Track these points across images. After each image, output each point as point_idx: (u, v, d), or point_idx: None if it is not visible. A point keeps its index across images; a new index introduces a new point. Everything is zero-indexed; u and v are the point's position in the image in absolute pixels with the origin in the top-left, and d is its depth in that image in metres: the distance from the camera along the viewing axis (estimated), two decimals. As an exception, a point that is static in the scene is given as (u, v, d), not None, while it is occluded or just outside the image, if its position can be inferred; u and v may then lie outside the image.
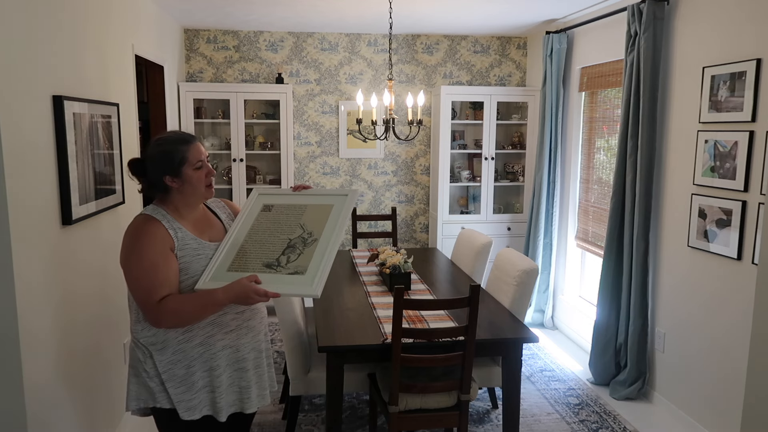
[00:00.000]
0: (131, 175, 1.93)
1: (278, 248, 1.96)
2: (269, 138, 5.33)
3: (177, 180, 1.89)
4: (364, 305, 3.12)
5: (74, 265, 2.56)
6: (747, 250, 2.90)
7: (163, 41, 4.44)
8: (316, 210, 2.06)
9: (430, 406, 2.67)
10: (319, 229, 2.00)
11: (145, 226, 1.84)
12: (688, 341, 3.34)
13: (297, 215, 2.05)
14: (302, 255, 1.94)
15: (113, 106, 3.06)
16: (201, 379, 1.91)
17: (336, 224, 2.02)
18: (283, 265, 1.92)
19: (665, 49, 3.48)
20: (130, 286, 1.84)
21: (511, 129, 5.63)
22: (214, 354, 1.92)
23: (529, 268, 3.14)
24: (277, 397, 3.61)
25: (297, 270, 1.90)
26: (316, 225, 2.02)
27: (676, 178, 3.43)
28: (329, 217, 2.04)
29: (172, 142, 1.91)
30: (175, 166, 1.88)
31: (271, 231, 2.02)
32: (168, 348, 1.88)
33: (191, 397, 1.89)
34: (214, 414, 1.94)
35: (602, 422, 3.41)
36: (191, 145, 1.91)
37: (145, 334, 1.88)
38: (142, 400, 1.91)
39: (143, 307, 1.82)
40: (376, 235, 4.86)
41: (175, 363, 1.88)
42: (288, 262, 1.93)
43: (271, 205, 2.08)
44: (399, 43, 5.47)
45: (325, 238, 1.97)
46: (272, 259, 1.93)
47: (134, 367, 1.91)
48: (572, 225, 4.80)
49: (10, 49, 2.01)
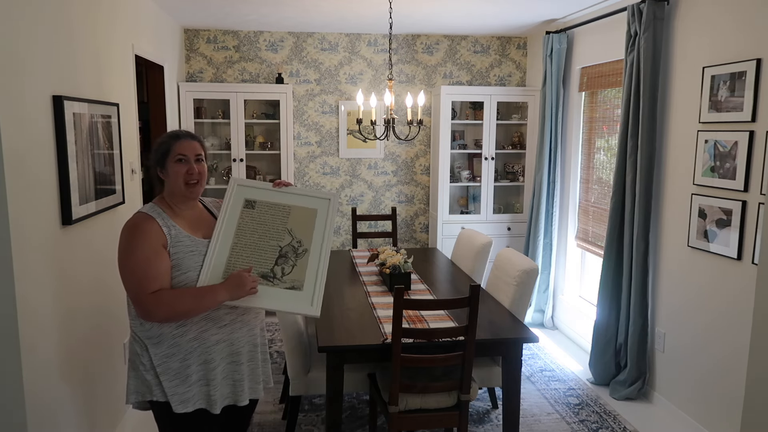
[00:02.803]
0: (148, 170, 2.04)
1: (270, 256, 2.01)
2: (269, 138, 5.33)
3: (164, 172, 1.98)
4: (364, 305, 3.12)
5: (74, 265, 2.56)
6: (747, 250, 2.90)
7: (163, 41, 4.44)
8: (300, 214, 2.08)
9: (430, 406, 2.67)
10: (308, 238, 2.05)
11: (140, 223, 1.90)
12: (688, 341, 3.34)
13: (282, 218, 2.06)
14: (296, 267, 2.01)
15: (113, 106, 3.06)
16: (195, 372, 1.94)
17: (324, 235, 2.08)
18: (279, 278, 1.99)
19: (665, 49, 3.48)
20: (124, 281, 1.88)
21: (511, 129, 5.63)
22: (208, 348, 1.95)
23: (529, 268, 3.14)
24: (277, 397, 3.61)
25: (294, 285, 1.98)
26: (304, 233, 2.06)
27: (676, 178, 3.43)
28: (315, 225, 2.08)
29: (167, 136, 2.02)
30: (161, 157, 1.97)
31: (259, 234, 2.03)
32: (163, 342, 1.91)
33: (185, 390, 1.92)
34: (208, 407, 1.97)
35: (602, 422, 3.41)
36: (180, 139, 1.98)
37: (142, 328, 1.93)
38: (139, 393, 1.95)
39: (135, 299, 1.87)
40: (376, 235, 4.86)
41: (170, 356, 1.91)
42: (283, 274, 1.99)
43: (253, 201, 2.06)
44: (399, 43, 5.47)
45: (315, 250, 2.04)
46: (267, 269, 1.99)
47: (132, 360, 1.96)
48: (572, 225, 4.80)
49: (10, 49, 2.01)
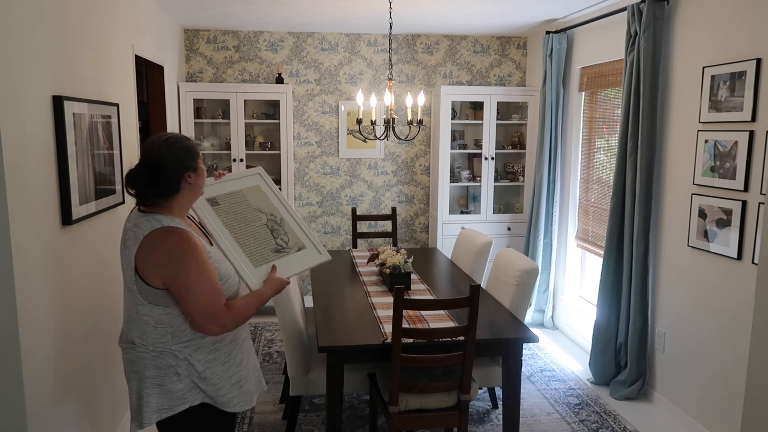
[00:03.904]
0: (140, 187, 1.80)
1: (266, 235, 2.17)
2: (269, 138, 5.33)
3: (194, 175, 1.87)
4: (364, 305, 3.12)
5: (74, 265, 2.56)
6: (747, 249, 2.90)
7: (163, 41, 4.44)
8: (252, 193, 2.25)
9: (430, 406, 2.67)
10: (273, 208, 2.24)
11: (189, 238, 1.79)
12: (688, 341, 3.34)
13: (246, 203, 2.20)
14: (289, 233, 2.21)
15: (113, 106, 3.06)
16: (235, 374, 1.97)
17: (279, 199, 2.28)
18: (287, 247, 2.17)
19: (665, 49, 3.48)
20: (192, 298, 1.76)
21: (511, 129, 5.63)
22: (240, 347, 2.01)
23: (529, 268, 3.14)
24: (277, 397, 3.61)
25: (299, 247, 2.21)
26: (268, 206, 2.24)
27: (676, 178, 3.43)
28: (268, 196, 2.27)
29: (182, 137, 1.90)
30: (194, 160, 1.87)
31: (245, 222, 2.14)
32: (202, 348, 1.87)
33: (228, 390, 1.93)
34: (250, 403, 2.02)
35: (602, 422, 3.41)
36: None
37: (176, 342, 1.84)
38: (164, 410, 1.84)
39: (211, 313, 1.79)
40: (376, 235, 4.86)
41: (212, 361, 1.89)
42: (287, 243, 2.18)
43: (214, 198, 2.11)
44: (399, 43, 5.47)
45: (286, 214, 2.26)
46: (275, 245, 2.15)
47: (155, 377, 1.83)
48: (572, 225, 4.80)
49: (10, 49, 2.01)
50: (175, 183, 1.83)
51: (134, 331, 1.84)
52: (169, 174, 1.81)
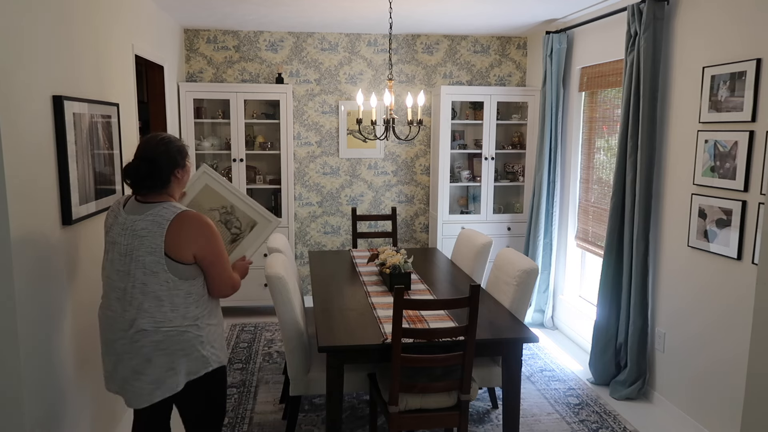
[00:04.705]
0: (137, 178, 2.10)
1: (224, 229, 2.44)
2: (269, 138, 5.33)
3: (181, 171, 2.20)
4: (364, 305, 3.12)
5: (74, 265, 2.56)
6: (747, 250, 2.90)
7: (163, 41, 4.44)
8: (204, 196, 2.44)
9: (430, 406, 2.67)
10: (223, 200, 2.45)
11: (205, 218, 2.14)
12: (688, 341, 3.34)
13: (201, 208, 2.41)
14: (241, 217, 2.45)
15: (113, 106, 3.06)
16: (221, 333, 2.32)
17: (226, 188, 2.46)
18: (242, 231, 2.45)
19: (665, 49, 3.48)
20: (220, 266, 2.16)
21: (511, 129, 5.63)
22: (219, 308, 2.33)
23: (529, 268, 3.14)
24: (277, 397, 3.61)
25: (251, 225, 2.45)
26: (218, 200, 2.44)
27: (676, 178, 3.43)
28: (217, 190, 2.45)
29: (175, 138, 2.22)
30: (184, 159, 2.21)
31: None
32: (212, 313, 2.22)
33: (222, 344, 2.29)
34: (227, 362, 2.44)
35: (602, 422, 3.41)
36: None
37: (197, 312, 2.14)
38: (192, 373, 2.16)
39: (230, 277, 2.21)
40: (376, 235, 4.86)
41: (217, 325, 2.26)
42: (240, 228, 2.45)
43: None
44: (399, 43, 5.47)
45: (234, 198, 2.45)
46: (230, 235, 2.45)
47: (184, 348, 2.11)
48: (572, 225, 4.80)
49: (10, 49, 2.01)
50: (167, 177, 2.15)
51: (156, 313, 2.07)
52: (163, 169, 2.13)
